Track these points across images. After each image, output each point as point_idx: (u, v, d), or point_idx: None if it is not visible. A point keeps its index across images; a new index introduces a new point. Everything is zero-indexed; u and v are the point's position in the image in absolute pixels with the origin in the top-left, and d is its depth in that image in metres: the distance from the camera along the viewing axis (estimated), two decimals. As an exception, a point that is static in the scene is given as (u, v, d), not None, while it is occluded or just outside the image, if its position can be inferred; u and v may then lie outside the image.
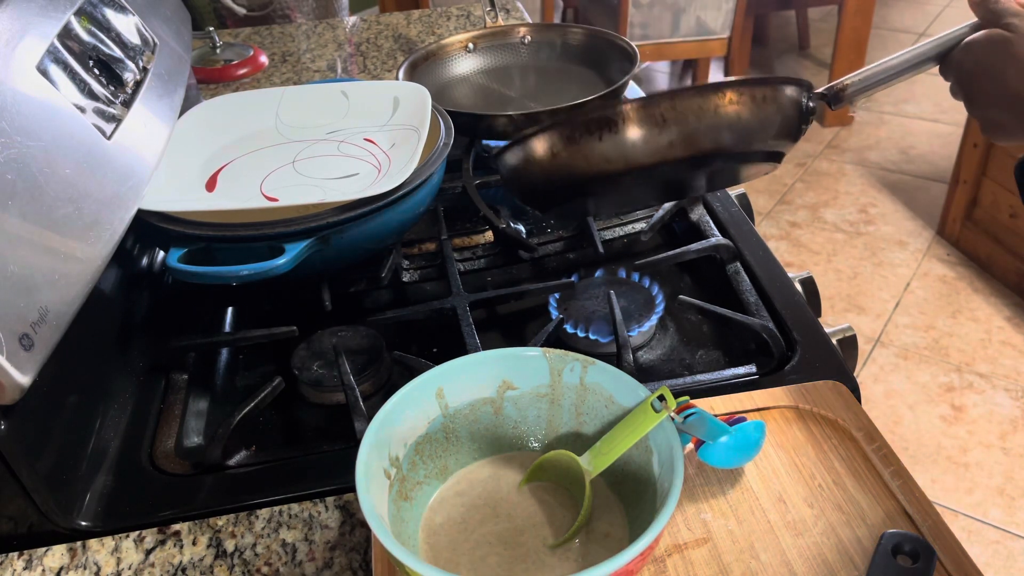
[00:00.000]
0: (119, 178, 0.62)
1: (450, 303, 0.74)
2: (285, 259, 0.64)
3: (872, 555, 0.49)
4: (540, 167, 0.68)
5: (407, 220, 0.75)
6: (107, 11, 0.69)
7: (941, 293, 2.13)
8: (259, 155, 0.81)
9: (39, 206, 0.52)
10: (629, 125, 0.63)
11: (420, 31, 1.40)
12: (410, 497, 0.51)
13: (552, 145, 0.66)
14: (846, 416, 0.59)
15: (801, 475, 0.55)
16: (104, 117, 0.63)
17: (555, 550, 0.49)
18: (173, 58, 0.78)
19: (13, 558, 0.56)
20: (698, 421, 0.51)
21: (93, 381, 0.63)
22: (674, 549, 0.51)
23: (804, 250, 2.34)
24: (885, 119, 2.98)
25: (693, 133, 0.63)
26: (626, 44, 1.05)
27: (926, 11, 3.86)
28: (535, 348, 0.53)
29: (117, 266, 0.69)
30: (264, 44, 1.39)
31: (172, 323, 0.77)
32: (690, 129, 0.63)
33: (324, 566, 0.55)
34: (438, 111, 0.82)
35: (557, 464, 0.52)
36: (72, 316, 0.53)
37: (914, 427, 1.77)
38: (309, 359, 0.70)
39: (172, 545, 0.56)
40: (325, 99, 0.87)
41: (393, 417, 0.50)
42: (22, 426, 0.52)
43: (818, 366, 0.67)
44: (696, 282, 0.82)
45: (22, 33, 0.57)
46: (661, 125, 0.62)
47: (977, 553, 1.51)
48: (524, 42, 1.14)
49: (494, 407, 0.54)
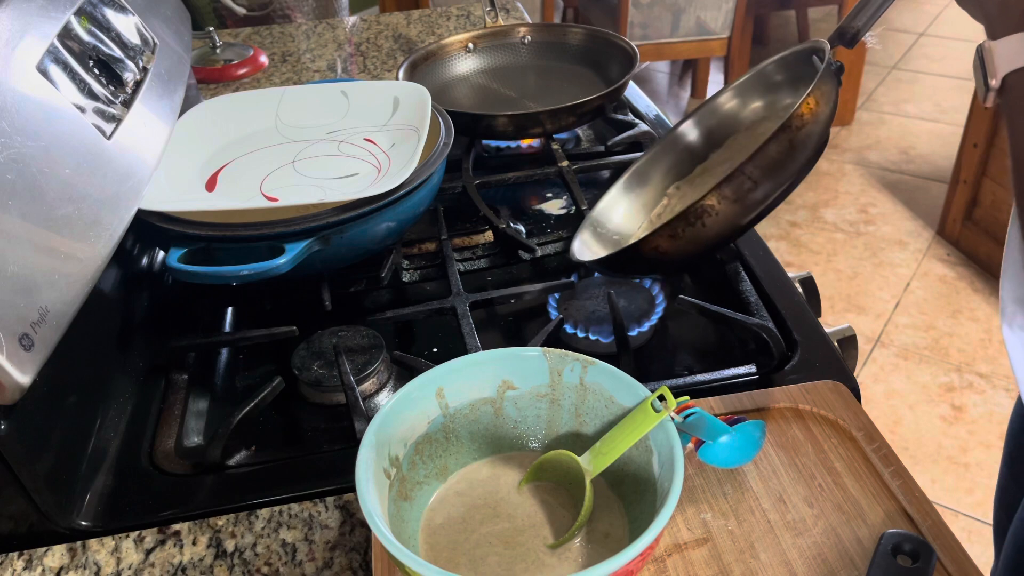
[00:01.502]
0: (119, 178, 0.62)
1: (450, 303, 0.74)
2: (285, 259, 0.64)
3: (872, 555, 0.49)
4: (648, 263, 0.69)
5: (407, 220, 0.75)
6: (107, 11, 0.69)
7: (941, 293, 2.13)
8: (259, 155, 0.81)
9: (39, 206, 0.53)
10: (724, 205, 0.63)
11: (420, 31, 1.40)
12: (410, 497, 0.51)
13: (658, 246, 0.65)
14: (846, 416, 0.59)
15: (801, 475, 0.55)
16: (104, 117, 0.63)
17: (555, 550, 0.49)
18: (173, 58, 0.78)
19: (13, 558, 0.56)
20: (698, 421, 0.51)
21: (93, 381, 0.63)
22: (674, 549, 0.51)
23: (804, 250, 2.34)
24: (885, 119, 2.98)
25: (777, 167, 0.63)
26: (626, 44, 1.05)
27: (926, 11, 3.86)
28: (535, 348, 0.53)
29: (117, 266, 0.69)
30: (264, 44, 1.39)
31: (172, 323, 0.77)
32: (774, 168, 0.63)
33: (324, 566, 0.55)
34: (438, 111, 0.82)
35: (557, 464, 0.52)
36: (72, 316, 0.53)
37: (914, 427, 1.77)
38: (309, 359, 0.70)
39: (172, 545, 0.56)
40: (325, 99, 0.87)
41: (393, 417, 0.50)
42: (22, 426, 0.52)
43: (818, 366, 0.67)
44: (696, 282, 0.82)
45: (22, 33, 0.57)
46: (752, 187, 0.62)
47: (977, 553, 1.51)
48: (524, 42, 1.14)
49: (494, 407, 0.54)
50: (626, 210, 0.83)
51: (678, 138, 0.85)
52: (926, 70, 3.32)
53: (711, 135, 0.84)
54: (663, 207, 0.81)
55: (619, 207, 0.83)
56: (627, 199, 0.83)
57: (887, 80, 3.25)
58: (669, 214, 0.75)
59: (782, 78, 0.79)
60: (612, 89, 0.96)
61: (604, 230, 0.81)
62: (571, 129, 1.01)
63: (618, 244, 0.78)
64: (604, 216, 0.82)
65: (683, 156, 0.84)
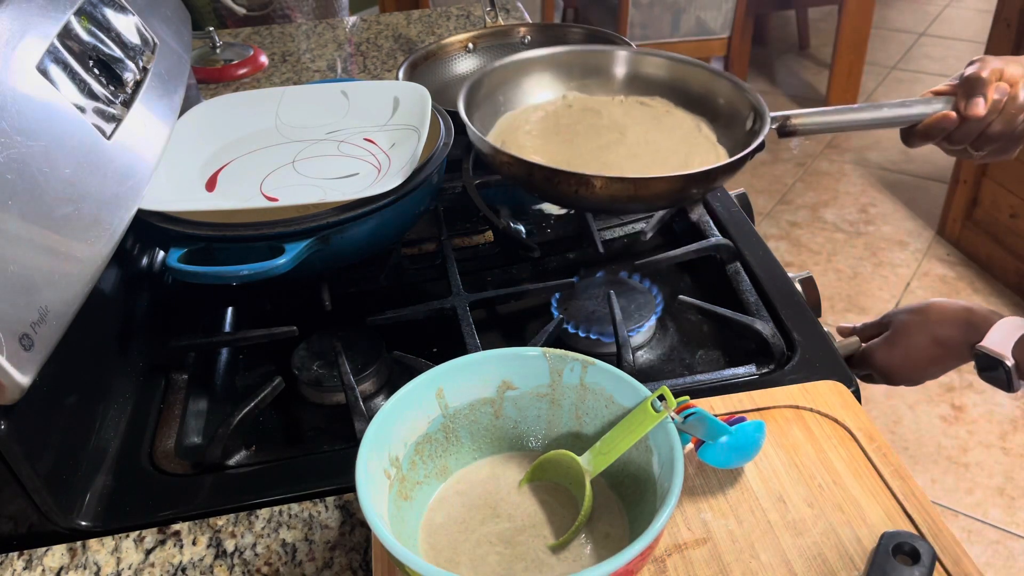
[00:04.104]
0: (119, 178, 0.62)
1: (450, 303, 0.74)
2: (285, 259, 0.64)
3: (872, 555, 0.49)
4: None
5: (407, 220, 0.75)
6: (107, 11, 0.69)
7: (941, 293, 2.13)
8: (259, 155, 0.81)
9: (39, 206, 0.52)
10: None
11: (420, 31, 1.40)
12: (410, 497, 0.51)
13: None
14: (846, 416, 0.59)
15: (801, 475, 0.55)
16: (104, 117, 0.63)
17: (555, 550, 0.49)
18: (173, 58, 0.78)
19: (13, 558, 0.56)
20: (698, 421, 0.51)
21: (93, 381, 0.63)
22: (674, 549, 0.51)
23: (804, 250, 2.34)
24: (885, 119, 2.98)
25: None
26: (626, 44, 1.05)
27: (926, 11, 3.86)
28: (535, 348, 0.53)
29: (117, 266, 0.69)
30: (264, 44, 1.39)
31: (172, 323, 0.77)
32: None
33: (324, 566, 0.55)
34: (438, 111, 0.82)
35: (557, 464, 0.52)
36: (72, 316, 0.53)
37: (914, 427, 1.77)
38: (309, 359, 0.70)
39: (172, 545, 0.56)
40: (325, 99, 0.87)
41: (393, 417, 0.50)
42: (22, 426, 0.52)
43: (818, 366, 0.67)
44: (696, 282, 0.82)
45: (22, 33, 0.57)
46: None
47: (977, 553, 1.51)
48: (524, 42, 1.14)
49: (494, 407, 0.54)
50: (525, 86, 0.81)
51: (602, 55, 0.83)
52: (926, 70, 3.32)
53: (632, 80, 0.82)
54: (560, 104, 0.79)
55: (523, 80, 0.81)
56: (529, 77, 0.81)
57: (887, 80, 3.25)
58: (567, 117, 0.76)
59: (724, 101, 0.78)
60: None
61: (494, 94, 0.78)
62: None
63: (497, 113, 0.77)
64: (502, 78, 0.79)
65: (594, 71, 0.82)
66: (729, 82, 0.77)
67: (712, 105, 0.78)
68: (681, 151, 0.72)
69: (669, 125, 0.76)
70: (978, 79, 0.64)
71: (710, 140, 0.74)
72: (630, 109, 0.78)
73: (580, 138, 0.72)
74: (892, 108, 0.66)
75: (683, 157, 0.71)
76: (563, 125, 0.74)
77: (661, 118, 0.77)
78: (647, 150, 0.72)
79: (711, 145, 0.74)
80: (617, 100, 0.80)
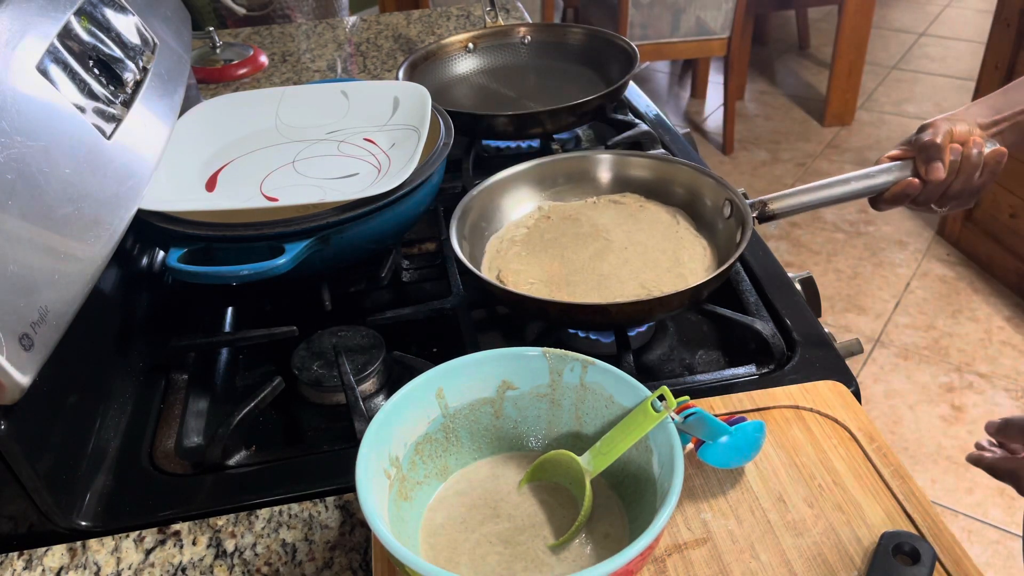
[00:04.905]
0: (119, 178, 0.62)
1: (450, 303, 0.74)
2: (285, 259, 0.64)
3: (872, 555, 0.49)
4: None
5: (407, 220, 0.75)
6: (107, 11, 0.69)
7: (941, 293, 2.13)
8: (259, 155, 0.81)
9: (39, 206, 0.52)
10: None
11: (420, 31, 1.40)
12: (410, 497, 0.51)
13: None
14: (846, 416, 0.59)
15: (801, 475, 0.55)
16: (104, 117, 0.63)
17: (555, 550, 0.49)
18: (173, 58, 0.78)
19: (13, 558, 0.56)
20: (698, 421, 0.51)
21: (93, 381, 0.63)
22: (674, 549, 0.51)
23: (804, 250, 2.34)
24: (885, 119, 2.98)
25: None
26: (626, 44, 1.05)
27: (926, 11, 3.86)
28: (535, 348, 0.53)
29: (117, 266, 0.69)
30: (264, 44, 1.39)
31: (172, 323, 0.77)
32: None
33: (324, 566, 0.55)
34: (438, 111, 0.82)
35: (557, 464, 0.52)
36: (72, 316, 0.53)
37: (914, 427, 1.77)
38: (309, 359, 0.70)
39: (172, 545, 0.56)
40: (325, 99, 0.87)
41: (393, 417, 0.50)
42: (22, 426, 0.52)
43: (818, 366, 0.67)
44: (696, 282, 0.82)
45: (22, 33, 0.57)
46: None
47: (977, 553, 1.51)
48: (524, 42, 1.14)
49: (494, 407, 0.54)
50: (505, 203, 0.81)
51: (569, 162, 0.83)
52: (926, 70, 3.32)
53: (602, 180, 0.83)
54: (538, 217, 0.80)
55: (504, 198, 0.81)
56: (505, 196, 0.81)
57: (887, 80, 3.25)
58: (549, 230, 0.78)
59: (695, 191, 0.78)
60: (612, 89, 0.96)
61: (477, 223, 0.78)
62: (571, 129, 1.01)
63: (483, 239, 0.78)
64: (482, 202, 0.79)
65: (564, 177, 0.83)
66: (700, 173, 0.78)
67: (684, 196, 0.80)
68: (668, 249, 0.74)
69: (648, 221, 0.78)
70: (933, 145, 0.68)
71: (691, 232, 0.76)
72: (604, 210, 0.80)
73: (568, 251, 0.75)
74: (859, 180, 0.70)
75: (672, 255, 0.73)
76: (548, 240, 0.76)
77: (637, 215, 0.79)
78: (635, 253, 0.74)
79: (693, 237, 0.76)
80: (590, 202, 0.82)
